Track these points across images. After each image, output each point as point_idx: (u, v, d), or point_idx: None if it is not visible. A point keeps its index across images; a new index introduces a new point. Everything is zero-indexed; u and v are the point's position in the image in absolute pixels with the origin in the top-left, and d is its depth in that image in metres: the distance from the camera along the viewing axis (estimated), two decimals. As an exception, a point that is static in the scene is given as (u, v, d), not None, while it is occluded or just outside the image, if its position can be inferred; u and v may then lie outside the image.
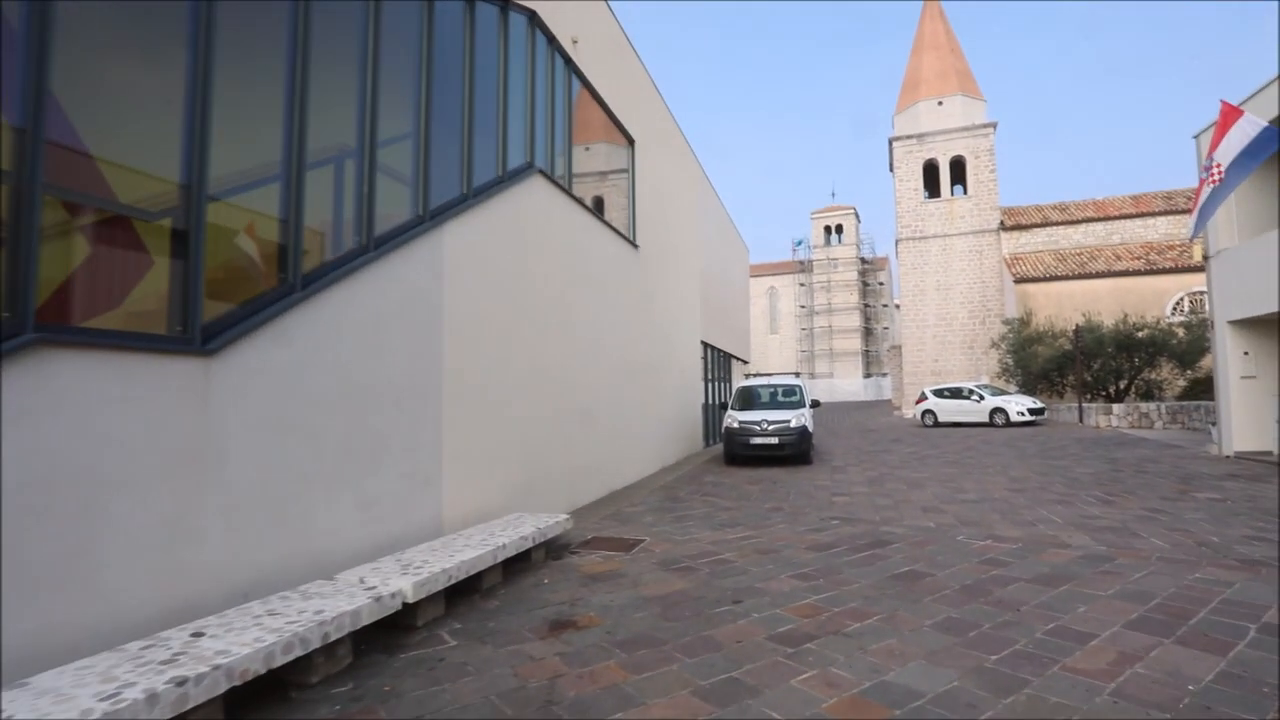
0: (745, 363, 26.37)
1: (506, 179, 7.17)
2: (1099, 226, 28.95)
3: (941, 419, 23.08)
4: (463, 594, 4.86)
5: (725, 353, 21.93)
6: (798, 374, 15.08)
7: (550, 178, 8.14)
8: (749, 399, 14.04)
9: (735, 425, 12.76)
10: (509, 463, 6.94)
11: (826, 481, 10.53)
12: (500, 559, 5.10)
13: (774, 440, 12.34)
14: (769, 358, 58.06)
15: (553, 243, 8.13)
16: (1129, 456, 12.71)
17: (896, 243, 31.40)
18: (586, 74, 9.55)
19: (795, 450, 12.44)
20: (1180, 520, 6.99)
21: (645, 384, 11.66)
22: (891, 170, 32.09)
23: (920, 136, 31.19)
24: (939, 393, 23.65)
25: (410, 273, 5.51)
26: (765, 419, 12.58)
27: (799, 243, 56.94)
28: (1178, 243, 27.46)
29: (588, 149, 10.47)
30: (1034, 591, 4.73)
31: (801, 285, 57.58)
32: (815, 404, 14.23)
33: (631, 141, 11.80)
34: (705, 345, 17.75)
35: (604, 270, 9.83)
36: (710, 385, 19.03)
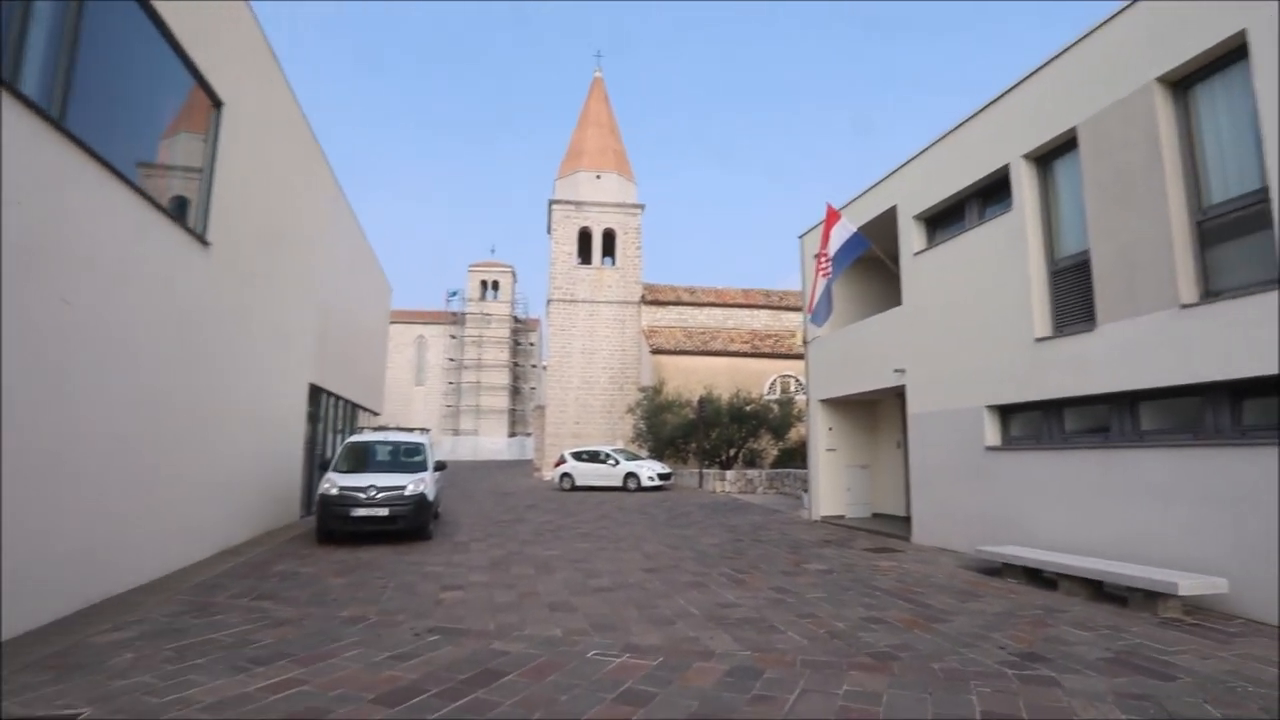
0: (376, 414, 23.04)
1: None
2: (719, 311, 33.07)
3: (579, 482, 22.82)
4: None
5: (351, 402, 18.56)
6: (425, 429, 13.05)
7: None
8: (359, 458, 11.26)
9: (334, 492, 9.89)
10: None
11: (441, 566, 8.38)
12: None
13: (383, 511, 9.80)
14: (412, 410, 54.10)
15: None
16: (744, 523, 13.21)
17: (548, 302, 31.59)
18: (125, -35, 6.37)
19: (411, 524, 10.07)
20: (805, 602, 6.55)
21: (193, 431, 8.21)
22: (549, 232, 32.54)
23: (578, 204, 32.33)
24: (578, 455, 23.50)
25: None
26: (374, 484, 9.99)
27: (454, 294, 55.14)
28: (774, 332, 32.67)
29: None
30: (685, 759, 3.26)
31: (453, 338, 55.50)
32: (441, 466, 12.10)
33: (218, 103, 8.63)
34: (319, 390, 14.39)
35: (118, 265, 6.46)
36: (326, 439, 15.55)
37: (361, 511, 9.74)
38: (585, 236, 32.75)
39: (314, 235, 13.61)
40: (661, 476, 22.36)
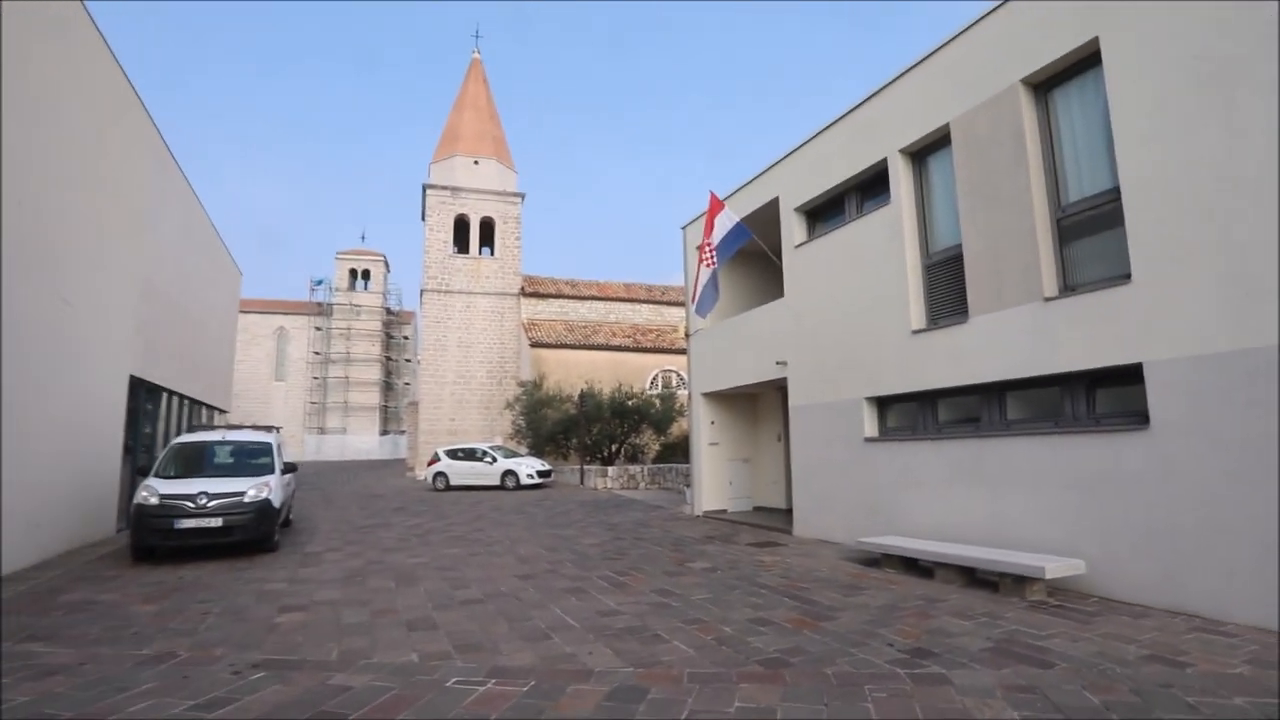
0: (223, 412, 20.69)
1: None
2: (601, 305, 32.66)
3: (454, 481, 21.63)
4: None
5: (190, 398, 16.42)
6: (275, 428, 11.57)
7: None
8: (190, 462, 9.76)
9: (152, 502, 8.44)
10: None
11: (283, 583, 7.31)
12: None
13: (216, 522, 8.49)
14: (272, 408, 49.78)
15: None
16: (626, 521, 12.82)
17: (422, 293, 29.86)
18: None
19: (252, 534, 8.81)
20: (690, 605, 6.18)
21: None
22: (424, 218, 30.75)
23: (454, 190, 30.77)
24: (453, 453, 22.27)
25: None
26: (205, 491, 8.65)
27: (319, 283, 51.24)
28: (657, 327, 32.70)
29: None
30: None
31: (318, 330, 51.59)
32: (290, 468, 10.80)
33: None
34: (145, 385, 12.48)
35: None
36: (156, 441, 13.57)
37: (188, 523, 8.38)
38: (462, 225, 31.25)
39: (135, 204, 11.76)
40: (541, 474, 21.62)
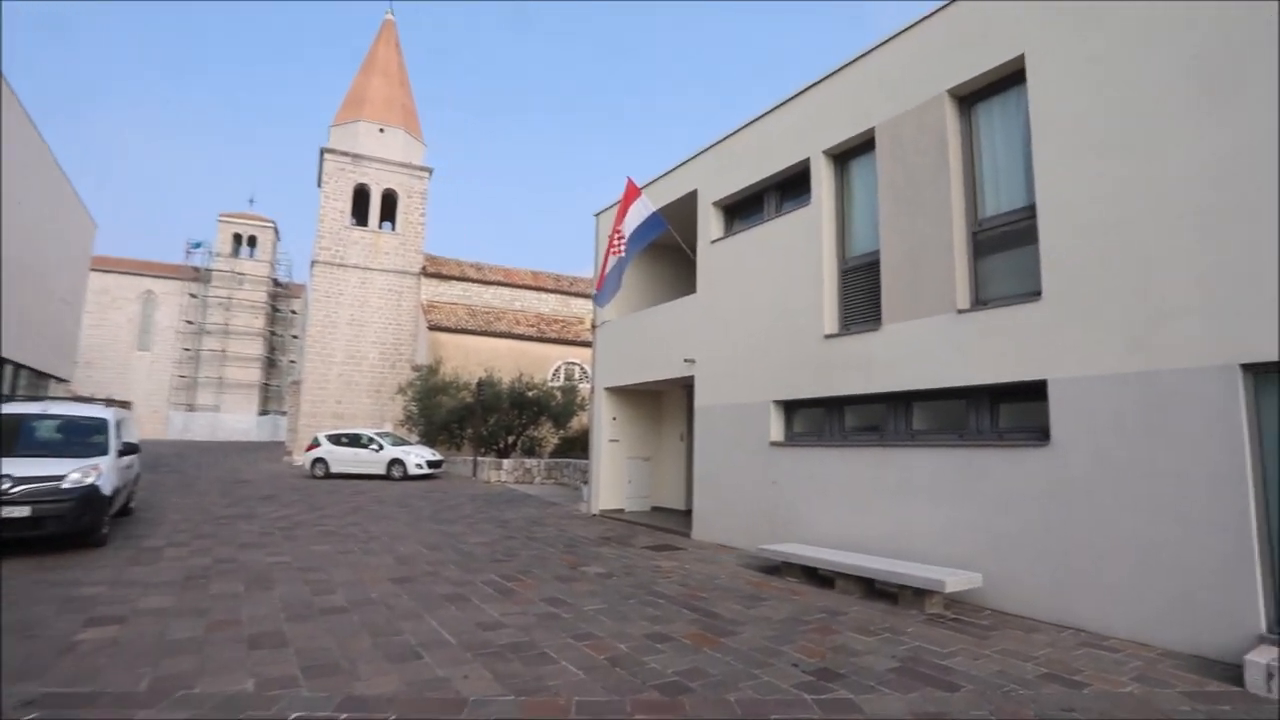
0: (64, 382, 18.24)
1: None
2: (506, 291, 31.52)
3: (335, 469, 20.08)
4: None
5: (26, 367, 14.24)
6: (117, 402, 10.00)
7: None
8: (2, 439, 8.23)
9: (-62, 484, 7.00)
10: None
11: (103, 585, 6.20)
12: None
13: (23, 512, 7.14)
14: (132, 380, 45.13)
15: None
16: (519, 518, 12.14)
17: (313, 264, 27.68)
18: None
19: (71, 526, 7.49)
20: (583, 617, 5.67)
21: None
22: (320, 185, 28.55)
23: (356, 157, 28.73)
24: (336, 439, 20.68)
25: None
26: (10, 474, 7.27)
27: (197, 245, 46.89)
28: (562, 318, 31.94)
29: None
30: None
31: (194, 297, 47.22)
32: (131, 449, 9.42)
33: None
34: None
35: None
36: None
37: (-12, 512, 6.99)
38: (362, 196, 29.26)
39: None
40: (431, 464, 20.46)
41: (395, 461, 20.00)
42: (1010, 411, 6.70)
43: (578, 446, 23.20)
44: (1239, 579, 4.85)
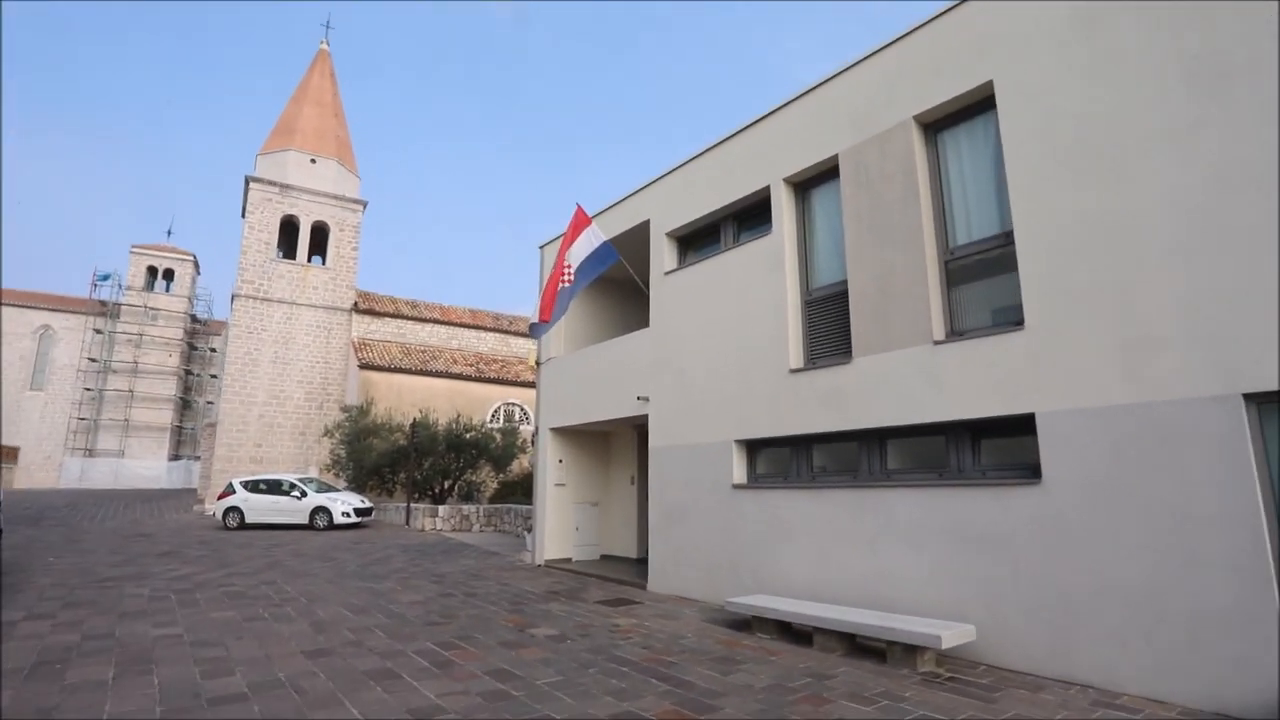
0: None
1: None
2: (443, 329, 30.35)
3: (251, 519, 18.35)
4: None
5: None
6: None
7: None
8: None
9: None
10: None
11: (-68, 675, 4.96)
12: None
13: None
14: (23, 422, 41.15)
15: None
16: (457, 571, 11.07)
17: (234, 298, 25.94)
18: None
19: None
20: (537, 694, 4.83)
21: None
22: (244, 215, 27.01)
23: (284, 187, 27.39)
24: (253, 486, 18.96)
25: None
26: None
27: (105, 278, 43.71)
28: (502, 357, 30.92)
29: None
30: None
31: (99, 333, 43.80)
32: None
33: None
34: None
35: None
36: None
37: None
38: (290, 228, 27.86)
39: None
40: (360, 512, 18.98)
41: (320, 510, 18.45)
42: (994, 448, 6.31)
43: (519, 491, 22.09)
44: (1258, 625, 4.47)
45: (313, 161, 28.48)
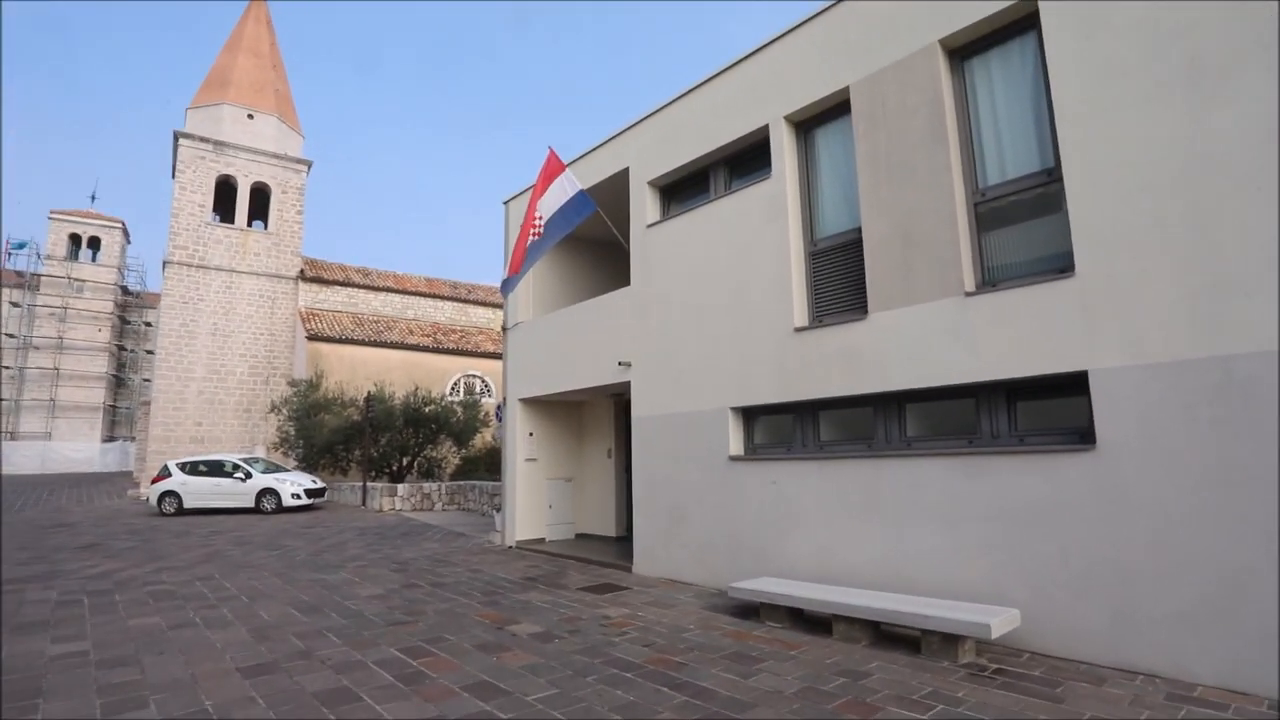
0: None
1: None
2: (397, 299, 28.79)
3: (190, 503, 16.96)
4: None
5: None
6: None
7: None
8: None
9: None
10: None
11: None
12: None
13: None
14: (-65, 405, 38.02)
15: None
16: (420, 556, 10.12)
17: (165, 265, 23.94)
18: None
19: None
20: (528, 712, 3.99)
21: None
22: (174, 176, 24.87)
23: (219, 144, 25.28)
24: (191, 467, 17.52)
25: None
26: None
27: (20, 246, 40.42)
28: (461, 327, 29.56)
29: None
30: None
31: (15, 305, 40.61)
32: None
33: None
34: None
35: None
36: None
37: None
38: (228, 189, 25.82)
39: None
40: (311, 493, 17.76)
41: (267, 491, 17.16)
42: (1033, 411, 5.64)
43: (483, 467, 21.10)
44: (1364, 609, 3.89)
45: (250, 117, 26.37)
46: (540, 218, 9.61)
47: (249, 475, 17.34)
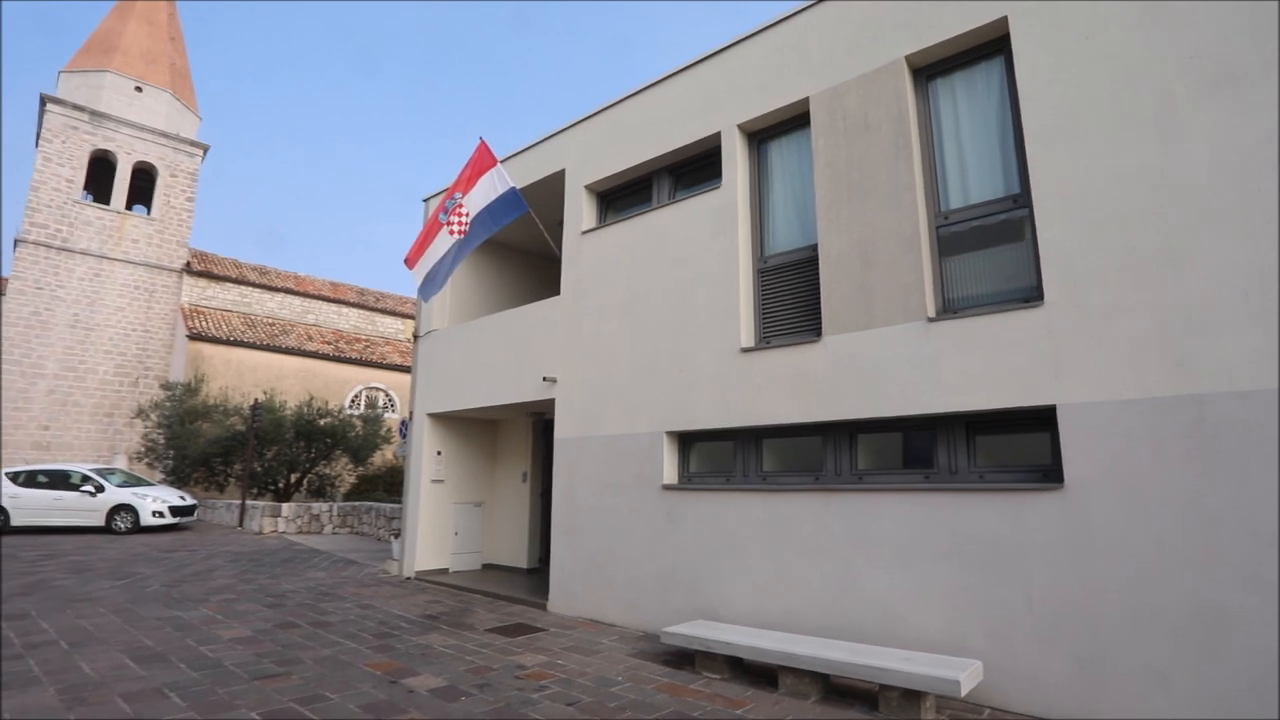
0: None
1: None
2: (297, 301, 26.63)
3: (20, 520, 14.56)
4: None
5: None
6: None
7: None
8: None
9: None
10: None
11: None
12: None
13: None
14: None
15: None
16: (301, 589, 8.83)
17: (17, 243, 21.04)
18: None
19: None
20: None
21: None
22: (38, 144, 22.08)
23: (97, 115, 22.68)
24: (27, 477, 15.11)
25: None
26: None
27: None
28: (366, 336, 27.69)
29: None
30: None
31: None
32: None
33: None
34: None
35: None
36: None
37: None
38: (105, 166, 23.19)
39: None
40: (177, 510, 15.72)
41: (122, 508, 15.01)
42: (994, 445, 5.33)
43: (382, 487, 19.53)
44: (1346, 669, 3.67)
45: (138, 90, 23.91)
46: (466, 214, 8.77)
47: (100, 489, 15.12)
